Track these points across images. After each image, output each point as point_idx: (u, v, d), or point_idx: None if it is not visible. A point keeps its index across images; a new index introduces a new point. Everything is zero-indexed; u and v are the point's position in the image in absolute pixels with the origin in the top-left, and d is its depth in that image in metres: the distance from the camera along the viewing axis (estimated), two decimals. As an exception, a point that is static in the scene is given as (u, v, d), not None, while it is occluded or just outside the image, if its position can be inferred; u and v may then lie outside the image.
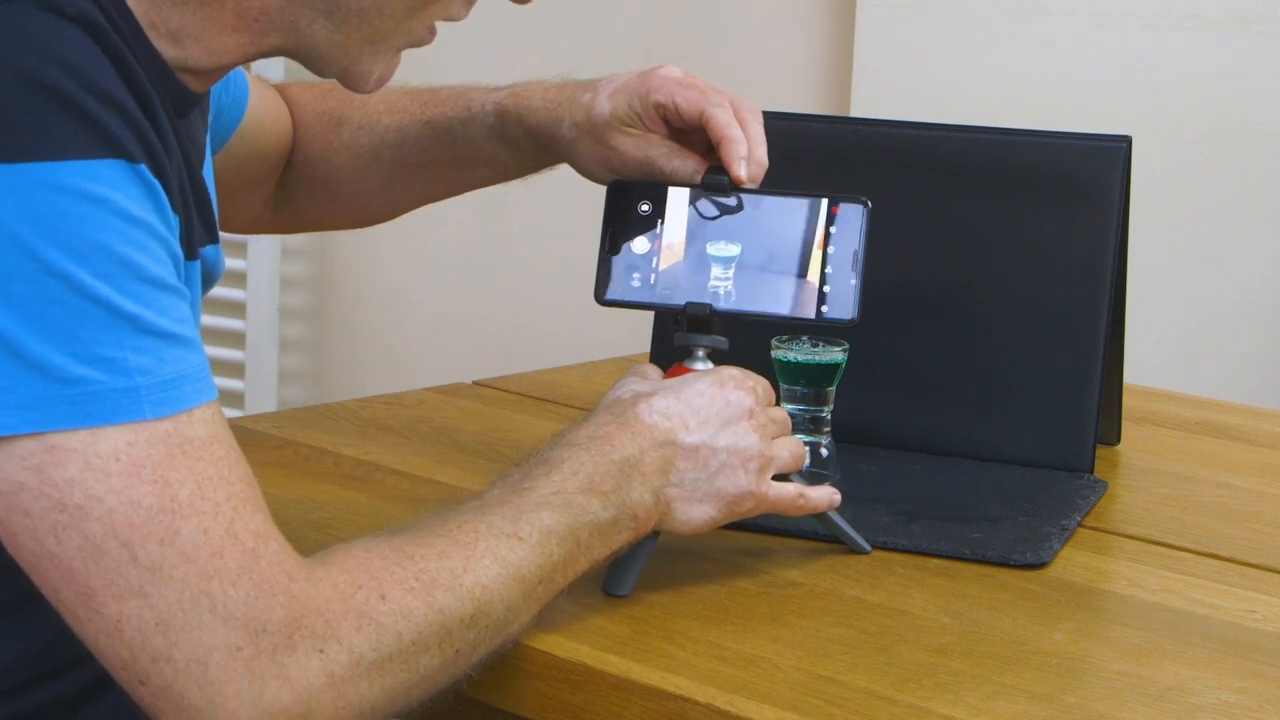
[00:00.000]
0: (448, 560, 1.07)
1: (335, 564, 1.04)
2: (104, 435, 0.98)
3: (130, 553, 0.98)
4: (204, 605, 0.98)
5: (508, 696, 1.16)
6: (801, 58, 2.93)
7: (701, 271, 1.30)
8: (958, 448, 1.56)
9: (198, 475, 1.00)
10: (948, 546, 1.34)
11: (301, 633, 1.00)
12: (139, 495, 0.98)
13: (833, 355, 1.43)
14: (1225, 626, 1.23)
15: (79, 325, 0.98)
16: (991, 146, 1.59)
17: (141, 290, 1.00)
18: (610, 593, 1.22)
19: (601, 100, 1.40)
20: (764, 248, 1.30)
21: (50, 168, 0.97)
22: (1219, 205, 2.61)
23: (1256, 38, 2.56)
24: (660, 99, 1.37)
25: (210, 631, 0.98)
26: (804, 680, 1.10)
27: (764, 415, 1.24)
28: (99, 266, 0.98)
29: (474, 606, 1.08)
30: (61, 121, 0.98)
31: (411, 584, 1.05)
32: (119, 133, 1.00)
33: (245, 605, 0.99)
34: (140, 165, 1.01)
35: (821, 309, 1.29)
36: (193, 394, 1.01)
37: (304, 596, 1.01)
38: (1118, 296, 1.56)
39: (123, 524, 0.98)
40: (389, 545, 1.07)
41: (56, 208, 0.97)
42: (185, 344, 1.02)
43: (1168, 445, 1.71)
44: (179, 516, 0.98)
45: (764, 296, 1.29)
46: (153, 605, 0.98)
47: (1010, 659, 1.15)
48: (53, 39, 1.00)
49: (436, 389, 1.78)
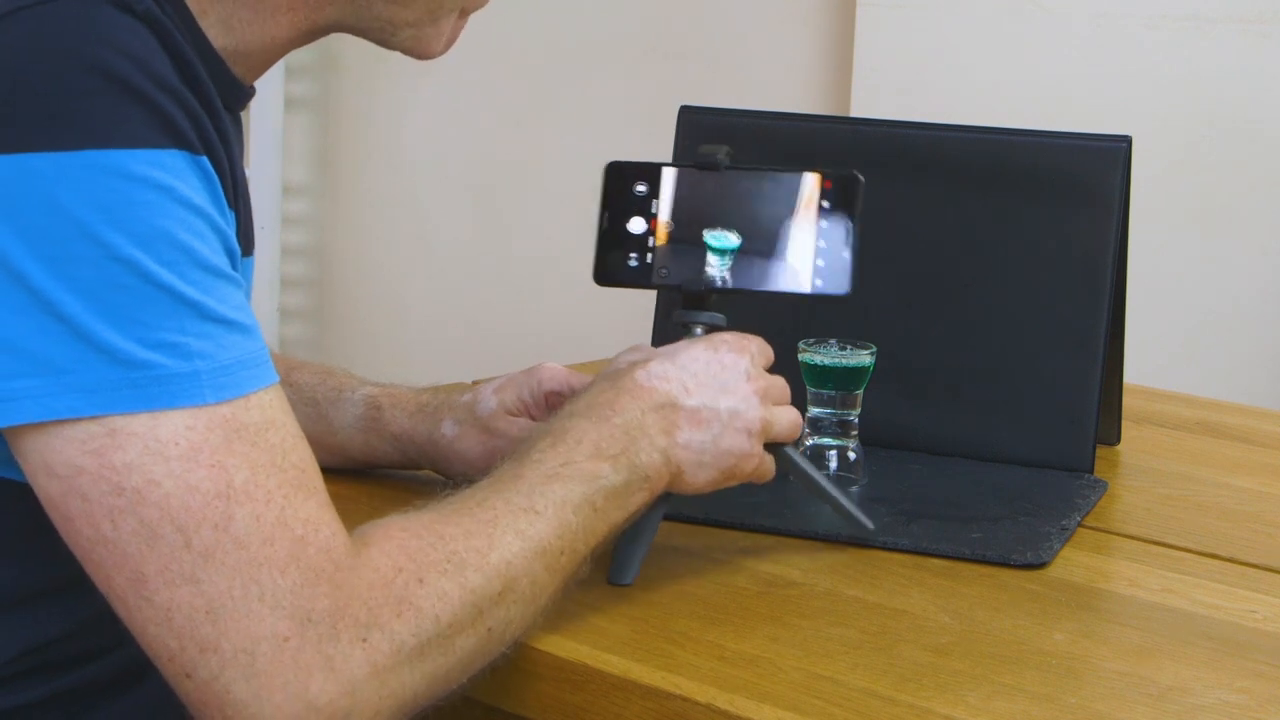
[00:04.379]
0: (474, 539, 1.08)
1: (376, 545, 1.04)
2: (165, 419, 0.98)
3: (185, 538, 0.98)
4: (254, 593, 0.99)
5: (508, 696, 1.16)
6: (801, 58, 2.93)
7: (698, 250, 1.30)
8: (958, 448, 1.56)
9: (252, 461, 1.00)
10: (948, 546, 1.34)
11: (346, 621, 1.00)
12: (196, 480, 0.98)
13: (860, 358, 1.43)
14: (1225, 626, 1.23)
15: (144, 310, 0.99)
16: (991, 146, 1.59)
17: (202, 278, 1.01)
18: (614, 581, 1.22)
19: (486, 396, 1.40)
20: (758, 224, 1.30)
21: (117, 155, 0.99)
22: (1219, 205, 2.61)
23: (1256, 38, 2.56)
24: (553, 388, 1.38)
25: (259, 620, 0.98)
26: (804, 680, 1.10)
27: (762, 379, 1.25)
28: (163, 253, 0.99)
29: (502, 584, 1.08)
30: (129, 111, 0.99)
31: (445, 566, 1.06)
32: (183, 124, 1.02)
33: (292, 594, 0.99)
34: (202, 157, 1.03)
35: (816, 283, 1.29)
36: (250, 379, 1.02)
37: (348, 584, 1.01)
38: (1118, 296, 1.56)
39: (179, 509, 0.98)
40: (421, 524, 1.07)
41: (123, 194, 0.98)
42: (243, 330, 1.03)
43: (1168, 445, 1.71)
44: (234, 502, 0.99)
45: (759, 272, 1.30)
46: (204, 592, 0.98)
47: (1010, 659, 1.15)
48: (120, 32, 1.01)
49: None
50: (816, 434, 1.45)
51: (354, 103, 3.41)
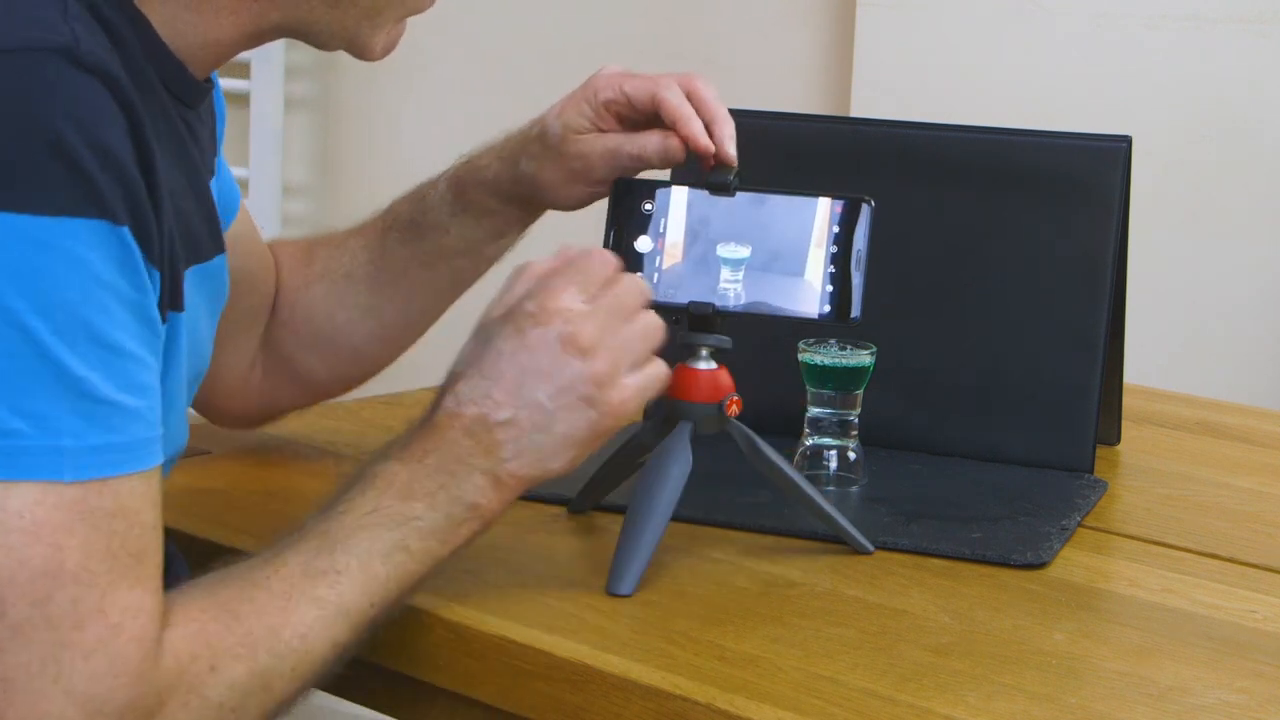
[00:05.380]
0: (267, 617, 1.08)
1: (178, 627, 1.05)
2: (17, 490, 0.99)
3: (1, 609, 0.98)
4: (50, 674, 0.99)
5: (508, 696, 1.16)
6: (801, 58, 2.93)
7: (705, 270, 1.30)
8: (958, 448, 1.56)
9: (89, 545, 1.00)
10: (948, 546, 1.34)
11: (134, 714, 1.01)
12: (29, 555, 0.99)
13: (860, 358, 1.43)
14: (1225, 626, 1.23)
15: (24, 378, 0.98)
16: (991, 146, 1.59)
17: (95, 353, 1.00)
18: (612, 592, 1.22)
19: (551, 121, 1.39)
20: (767, 247, 1.30)
21: (38, 222, 0.98)
22: (1219, 205, 2.61)
23: (1256, 38, 2.56)
24: (609, 95, 1.37)
25: (48, 701, 0.99)
26: (804, 680, 1.10)
27: (583, 330, 1.17)
28: (61, 324, 0.99)
29: (295, 659, 1.08)
30: (56, 177, 0.99)
31: (238, 650, 1.06)
32: (109, 194, 1.01)
33: (90, 682, 1.00)
34: (123, 228, 1.02)
35: (825, 308, 1.29)
36: (115, 463, 1.02)
37: (148, 676, 1.02)
38: (1118, 296, 1.56)
39: (4, 580, 0.98)
40: (219, 604, 1.07)
41: (35, 262, 0.98)
42: (126, 413, 1.02)
43: (1168, 445, 1.71)
44: (58, 583, 0.99)
45: (767, 295, 1.29)
46: (4, 662, 0.99)
47: (1010, 659, 1.15)
48: (67, 90, 1.01)
49: (436, 389, 1.77)
50: (816, 434, 1.45)
51: (354, 103, 3.41)
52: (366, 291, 1.48)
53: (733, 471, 1.34)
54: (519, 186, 1.42)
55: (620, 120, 1.38)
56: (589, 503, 1.38)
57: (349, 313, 1.49)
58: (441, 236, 1.46)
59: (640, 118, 1.37)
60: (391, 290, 1.48)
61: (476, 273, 1.49)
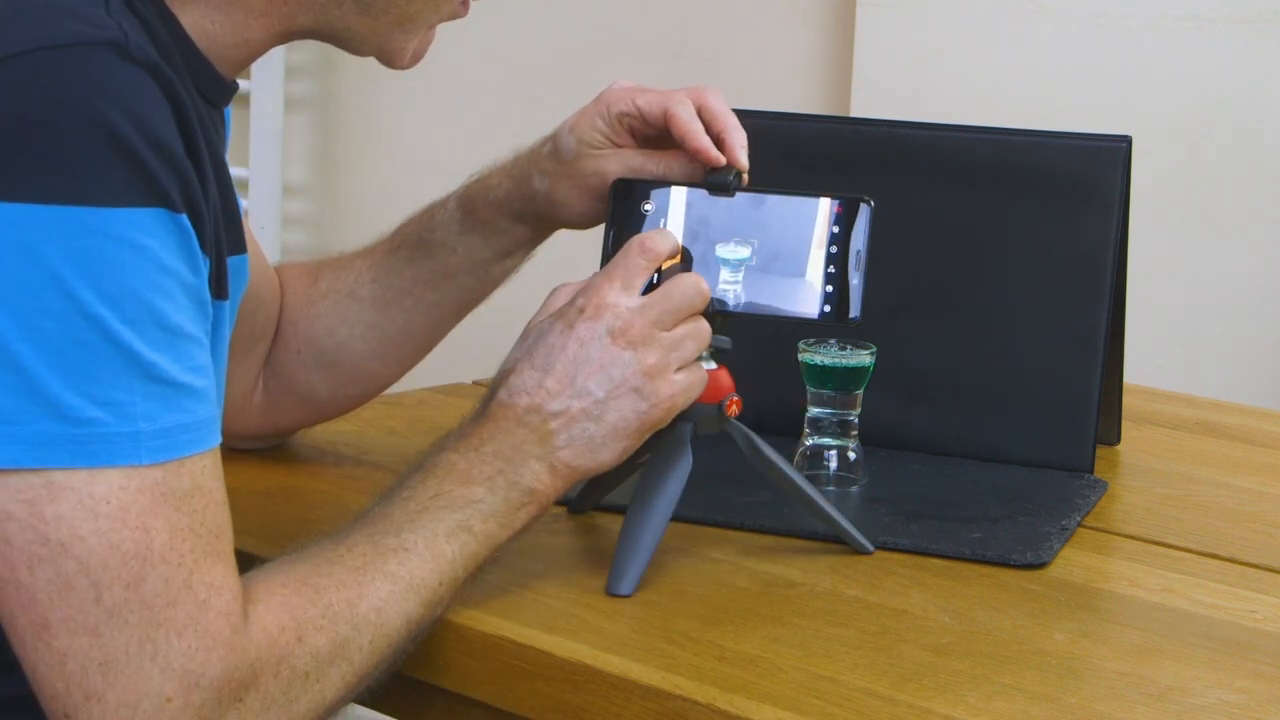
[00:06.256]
0: (345, 590, 1.11)
1: (261, 602, 1.08)
2: (101, 477, 1.01)
3: (96, 593, 1.01)
4: (148, 653, 1.02)
5: (508, 696, 1.16)
6: (801, 58, 2.93)
7: (704, 271, 1.30)
8: (958, 448, 1.56)
9: (174, 525, 1.03)
10: (948, 546, 1.34)
11: (229, 686, 1.04)
12: (119, 539, 1.01)
13: (860, 358, 1.43)
14: (1225, 626, 1.23)
15: (98, 367, 1.01)
16: (991, 146, 1.59)
17: (162, 338, 1.03)
18: (612, 592, 1.22)
19: (564, 137, 1.39)
20: (767, 247, 1.30)
21: (100, 213, 1.01)
22: (1219, 205, 2.61)
23: (1256, 38, 2.56)
24: (623, 109, 1.37)
25: (147, 679, 1.02)
26: (804, 680, 1.10)
27: (633, 324, 1.21)
28: (129, 312, 1.01)
29: (371, 631, 1.11)
30: (115, 169, 1.01)
31: (320, 621, 1.09)
32: (166, 182, 1.03)
33: (185, 658, 1.02)
34: (181, 215, 1.04)
35: (824, 308, 1.28)
36: (187, 443, 1.04)
37: (240, 648, 1.05)
38: (1118, 296, 1.56)
39: (98, 565, 1.01)
40: (298, 578, 1.11)
41: (100, 252, 1.01)
42: (192, 393, 1.05)
43: (1168, 445, 1.71)
44: (148, 564, 1.02)
45: (767, 296, 1.29)
46: (102, 645, 1.01)
47: (1010, 659, 1.15)
48: (119, 83, 1.03)
49: (436, 389, 1.78)
50: (816, 434, 1.45)
51: (354, 103, 3.41)
52: (370, 309, 1.49)
53: (733, 471, 1.34)
54: (531, 204, 1.42)
55: (633, 134, 1.38)
56: (589, 503, 1.38)
57: (351, 329, 1.50)
58: (448, 255, 1.47)
59: (653, 132, 1.37)
60: (395, 308, 1.49)
61: (482, 293, 1.50)
